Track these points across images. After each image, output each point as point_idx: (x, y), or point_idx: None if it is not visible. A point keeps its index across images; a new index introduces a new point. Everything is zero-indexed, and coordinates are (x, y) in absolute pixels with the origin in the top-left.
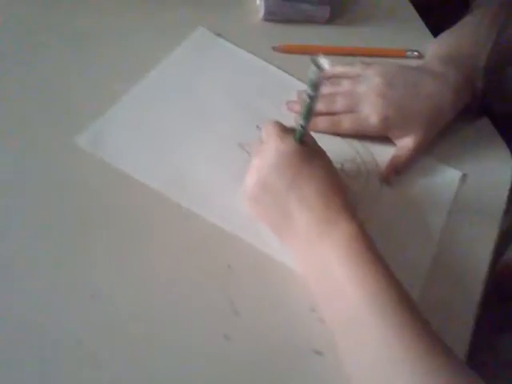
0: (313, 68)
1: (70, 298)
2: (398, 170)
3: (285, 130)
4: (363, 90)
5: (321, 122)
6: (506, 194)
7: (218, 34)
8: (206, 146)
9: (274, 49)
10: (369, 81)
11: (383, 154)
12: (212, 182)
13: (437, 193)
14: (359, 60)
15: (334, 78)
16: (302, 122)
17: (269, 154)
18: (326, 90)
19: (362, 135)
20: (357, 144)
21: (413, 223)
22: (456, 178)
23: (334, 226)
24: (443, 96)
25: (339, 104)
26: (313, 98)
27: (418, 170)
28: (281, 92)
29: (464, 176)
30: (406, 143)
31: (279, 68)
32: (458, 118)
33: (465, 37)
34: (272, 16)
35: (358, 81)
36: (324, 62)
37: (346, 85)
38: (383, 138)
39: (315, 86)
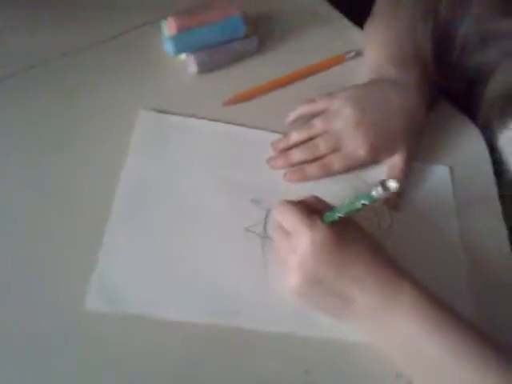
0: (379, 189)
1: None
2: (399, 192)
3: (308, 215)
4: (340, 125)
5: (310, 170)
6: (491, 175)
7: (162, 111)
8: (215, 247)
9: (225, 104)
10: (340, 113)
11: (376, 177)
12: (241, 286)
13: (438, 196)
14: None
15: (302, 120)
16: (341, 214)
17: (305, 248)
18: (300, 135)
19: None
20: (348, 176)
21: (433, 238)
22: (446, 174)
23: (397, 294)
24: (412, 103)
25: (322, 147)
26: (364, 206)
27: (409, 180)
28: (254, 151)
29: (451, 169)
30: (394, 162)
31: (238, 123)
32: None
33: (400, 29)
34: (205, 67)
35: (329, 117)
36: (392, 184)
37: (319, 125)
38: None
39: (374, 201)
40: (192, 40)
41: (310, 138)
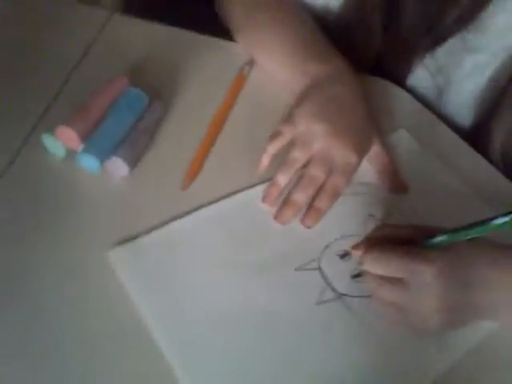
0: None
1: None
2: (395, 173)
3: (411, 252)
4: (320, 145)
5: (323, 204)
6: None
7: (131, 237)
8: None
9: (184, 188)
10: (312, 134)
11: (362, 174)
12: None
13: (417, 158)
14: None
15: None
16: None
17: (436, 285)
18: (287, 175)
19: None
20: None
21: (444, 197)
22: (407, 135)
23: None
24: (357, 89)
25: (319, 175)
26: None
27: None
28: (256, 216)
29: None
30: (375, 151)
31: (213, 198)
32: None
33: (284, 21)
34: (135, 162)
35: (304, 142)
36: None
37: (300, 155)
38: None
39: None
40: (107, 141)
41: None
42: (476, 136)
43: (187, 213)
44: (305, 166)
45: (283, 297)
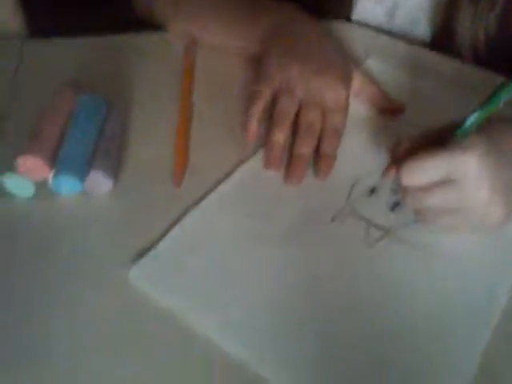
0: None
1: None
2: (387, 97)
3: (445, 150)
4: (305, 89)
5: (330, 148)
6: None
7: (143, 251)
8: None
9: (177, 185)
10: (295, 80)
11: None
12: None
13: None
14: None
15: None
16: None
17: (484, 173)
18: (284, 130)
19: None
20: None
21: None
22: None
23: None
24: (316, 26)
25: (315, 120)
26: None
27: None
28: (267, 185)
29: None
30: (357, 83)
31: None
32: None
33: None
34: (116, 174)
35: (289, 90)
36: None
37: (289, 105)
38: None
39: None
40: (78, 158)
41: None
42: (440, 41)
43: (191, 207)
44: (296, 115)
45: (332, 251)
